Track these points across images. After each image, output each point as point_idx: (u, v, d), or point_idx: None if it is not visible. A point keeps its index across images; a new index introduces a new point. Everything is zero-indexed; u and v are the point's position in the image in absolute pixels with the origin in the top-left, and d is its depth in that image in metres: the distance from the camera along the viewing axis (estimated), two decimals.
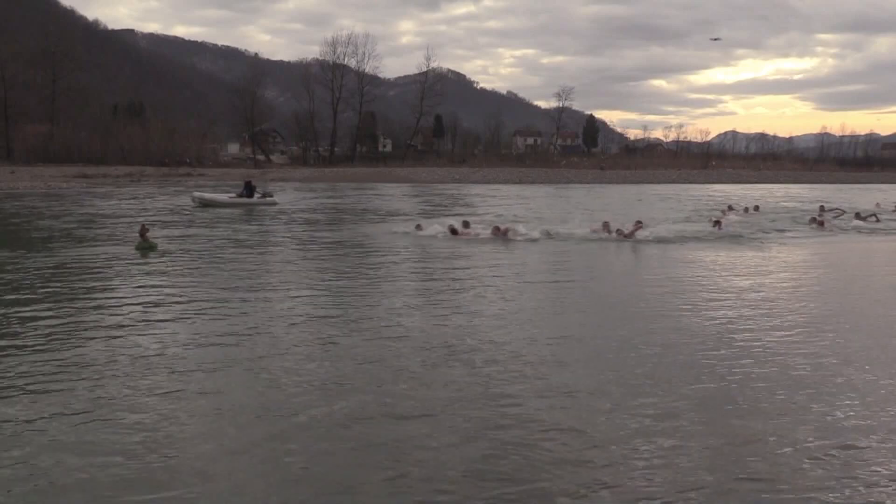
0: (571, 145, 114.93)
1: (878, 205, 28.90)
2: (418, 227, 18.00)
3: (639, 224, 18.14)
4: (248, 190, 27.81)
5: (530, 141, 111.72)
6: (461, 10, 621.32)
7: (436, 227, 17.61)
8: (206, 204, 26.77)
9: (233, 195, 28.03)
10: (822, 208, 27.04)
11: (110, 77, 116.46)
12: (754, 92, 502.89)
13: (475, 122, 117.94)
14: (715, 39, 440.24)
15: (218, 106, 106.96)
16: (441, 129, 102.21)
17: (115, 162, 64.58)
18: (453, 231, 16.91)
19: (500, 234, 16.59)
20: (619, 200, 36.69)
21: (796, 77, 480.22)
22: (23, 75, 72.71)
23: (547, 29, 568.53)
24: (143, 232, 14.46)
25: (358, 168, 76.35)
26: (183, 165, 66.92)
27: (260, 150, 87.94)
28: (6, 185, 39.67)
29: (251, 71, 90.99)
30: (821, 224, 21.41)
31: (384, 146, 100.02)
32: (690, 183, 63.06)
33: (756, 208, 27.20)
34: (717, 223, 19.35)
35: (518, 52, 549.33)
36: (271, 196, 28.44)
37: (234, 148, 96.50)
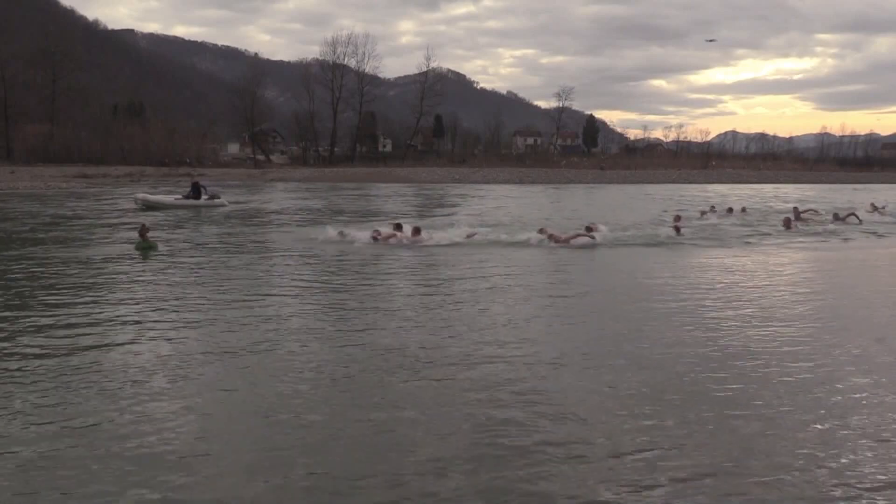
0: (571, 145, 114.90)
1: (871, 205, 27.33)
2: (340, 233, 16.29)
3: (591, 227, 16.98)
4: (196, 191, 26.71)
5: (530, 141, 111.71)
6: (461, 10, 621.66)
7: (359, 234, 16.09)
8: (150, 206, 25.57)
9: (178, 197, 27.01)
10: (796, 210, 25.70)
11: (110, 77, 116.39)
12: (754, 92, 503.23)
13: (475, 122, 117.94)
14: (710, 41, 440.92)
15: (218, 106, 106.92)
16: (441, 129, 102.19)
17: (115, 162, 64.58)
18: (416, 231, 15.58)
19: (417, 239, 15.42)
20: (605, 200, 36.66)
21: (796, 77, 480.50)
22: (23, 75, 72.75)
23: (547, 29, 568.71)
24: (144, 232, 14.44)
25: (358, 168, 76.33)
26: (183, 165, 66.86)
27: (260, 150, 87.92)
28: (6, 185, 39.68)
29: (251, 71, 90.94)
30: (790, 227, 20.00)
31: (384, 146, 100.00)
32: (690, 183, 63.07)
33: (743, 210, 26.04)
34: (677, 228, 18.03)
35: (518, 52, 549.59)
36: (219, 198, 27.22)
37: (234, 148, 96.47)
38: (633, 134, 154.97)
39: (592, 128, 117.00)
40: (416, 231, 15.76)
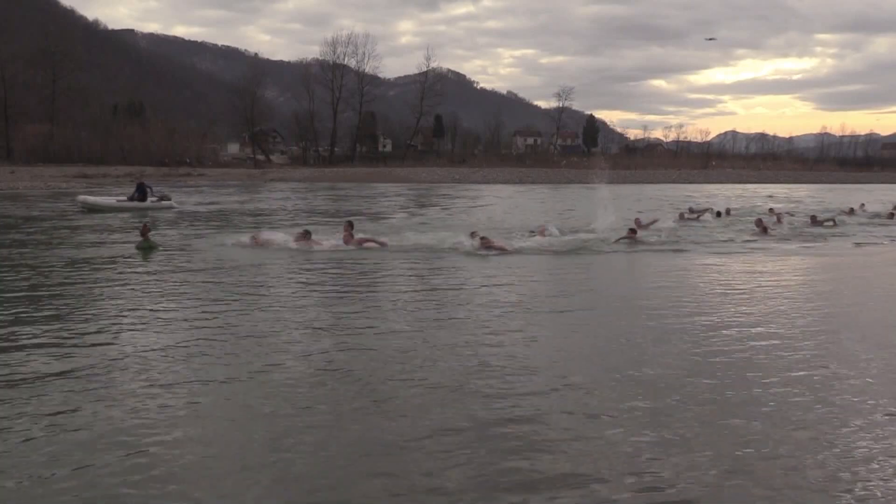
0: (571, 145, 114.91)
1: (862, 205, 26.93)
2: (253, 238, 15.02)
3: (542, 229, 15.90)
4: (141, 192, 25.28)
5: (530, 141, 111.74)
6: (460, 10, 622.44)
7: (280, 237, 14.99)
8: (91, 209, 24.39)
9: (122, 198, 25.77)
10: (771, 210, 24.93)
11: (110, 77, 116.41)
12: (754, 92, 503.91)
13: (475, 122, 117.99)
14: (710, 39, 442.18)
15: (218, 106, 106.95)
16: (441, 129, 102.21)
17: (115, 162, 64.56)
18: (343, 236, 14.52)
19: (354, 244, 14.58)
20: (582, 201, 36.58)
21: (796, 77, 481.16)
22: (23, 75, 72.71)
23: (547, 29, 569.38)
24: (145, 231, 14.42)
25: (358, 168, 76.34)
26: (183, 165, 66.93)
27: (260, 150, 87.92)
28: (6, 185, 39.66)
29: (251, 71, 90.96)
30: (764, 230, 18.76)
31: (384, 146, 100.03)
32: (690, 183, 63.06)
33: (728, 212, 24.76)
34: (632, 231, 16.73)
35: (518, 52, 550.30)
36: (168, 199, 26.01)
37: (234, 148, 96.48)
38: (633, 134, 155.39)
39: (592, 128, 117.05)
40: (348, 236, 14.78)
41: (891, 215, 23.98)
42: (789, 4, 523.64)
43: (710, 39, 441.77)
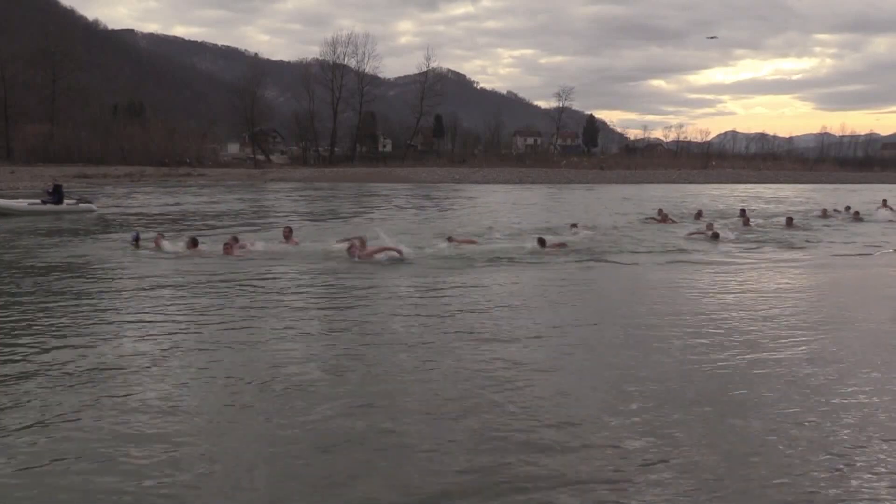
0: (571, 145, 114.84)
1: (847, 208, 25.93)
2: (135, 240, 13.98)
3: (452, 238, 14.81)
4: (57, 195, 23.35)
5: (530, 141, 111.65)
6: (460, 10, 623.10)
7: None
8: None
9: (35, 201, 23.58)
10: (742, 212, 22.91)
11: (110, 77, 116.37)
12: (754, 92, 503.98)
13: (475, 122, 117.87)
14: (711, 38, 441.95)
15: (218, 106, 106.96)
16: (441, 129, 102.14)
17: (115, 162, 64.60)
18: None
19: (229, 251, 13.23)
20: (569, 202, 36.62)
21: (795, 77, 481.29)
22: (23, 75, 72.75)
23: (546, 29, 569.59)
24: (137, 241, 14.33)
25: (358, 168, 76.32)
26: (183, 165, 66.95)
27: (260, 150, 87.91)
28: (6, 186, 39.66)
29: (251, 71, 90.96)
30: (714, 235, 16.67)
31: (384, 146, 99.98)
32: (690, 183, 63.07)
33: (698, 214, 23.28)
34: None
35: (517, 53, 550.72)
36: (89, 202, 24.39)
37: (234, 148, 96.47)
38: (633, 134, 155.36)
39: (592, 128, 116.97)
40: (235, 241, 13.79)
41: (856, 213, 23.54)
42: (789, 4, 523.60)
43: (711, 38, 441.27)
